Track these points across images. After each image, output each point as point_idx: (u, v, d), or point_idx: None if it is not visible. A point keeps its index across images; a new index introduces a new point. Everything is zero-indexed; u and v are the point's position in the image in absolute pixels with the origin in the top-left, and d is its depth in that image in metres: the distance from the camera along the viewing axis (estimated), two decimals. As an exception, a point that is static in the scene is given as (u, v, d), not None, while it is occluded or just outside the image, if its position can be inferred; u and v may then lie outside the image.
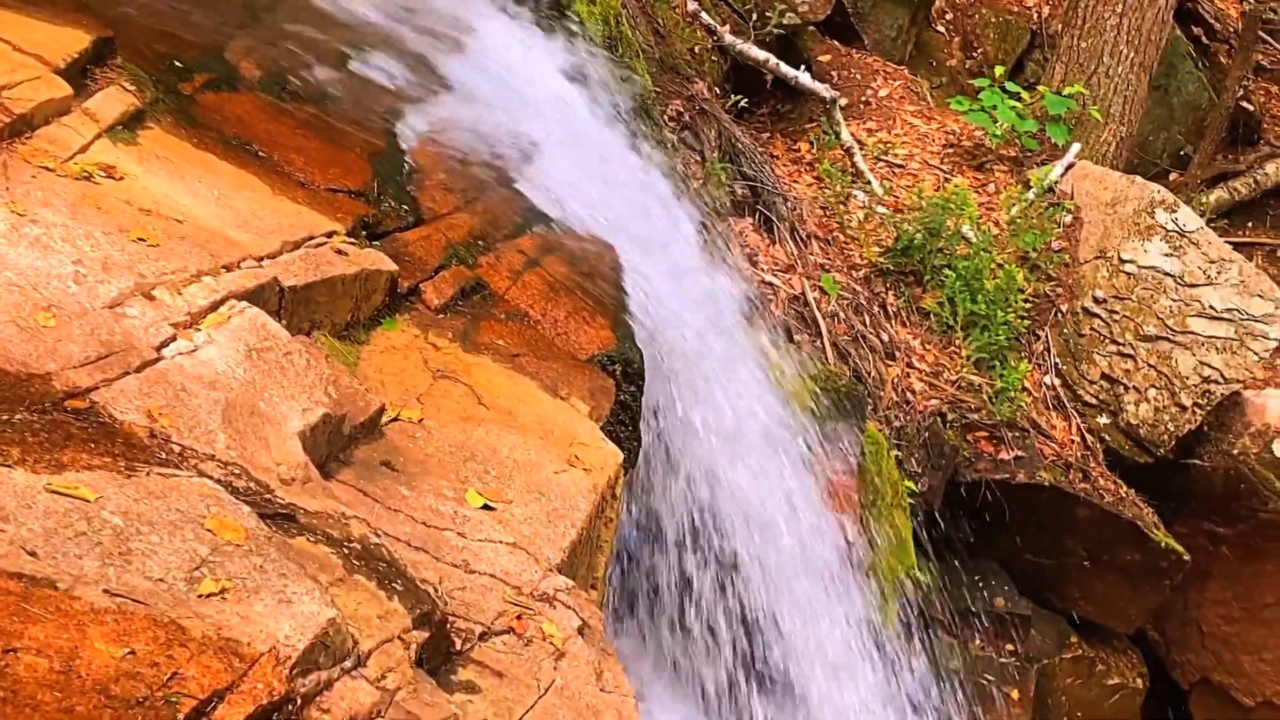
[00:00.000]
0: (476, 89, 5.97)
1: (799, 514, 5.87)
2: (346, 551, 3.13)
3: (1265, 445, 8.32)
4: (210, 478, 3.05)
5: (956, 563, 7.63)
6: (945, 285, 8.42)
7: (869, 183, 9.27)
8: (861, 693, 6.05)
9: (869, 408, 7.48)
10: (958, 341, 8.35)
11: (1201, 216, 9.22)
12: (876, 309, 8.44)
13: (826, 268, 8.43)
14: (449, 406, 4.22)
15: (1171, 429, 8.22)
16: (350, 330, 4.29)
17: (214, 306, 3.66)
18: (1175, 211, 8.52)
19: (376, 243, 4.62)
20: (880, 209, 9.02)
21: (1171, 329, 8.23)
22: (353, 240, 4.45)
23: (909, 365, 8.22)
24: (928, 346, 8.37)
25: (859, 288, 8.48)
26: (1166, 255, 8.37)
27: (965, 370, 8.23)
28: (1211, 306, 8.27)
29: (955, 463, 7.78)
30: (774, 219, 8.48)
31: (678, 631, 5.40)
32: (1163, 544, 8.03)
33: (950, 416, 8.01)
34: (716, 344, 5.89)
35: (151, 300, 3.54)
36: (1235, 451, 8.35)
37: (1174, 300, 8.27)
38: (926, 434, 7.78)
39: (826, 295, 8.16)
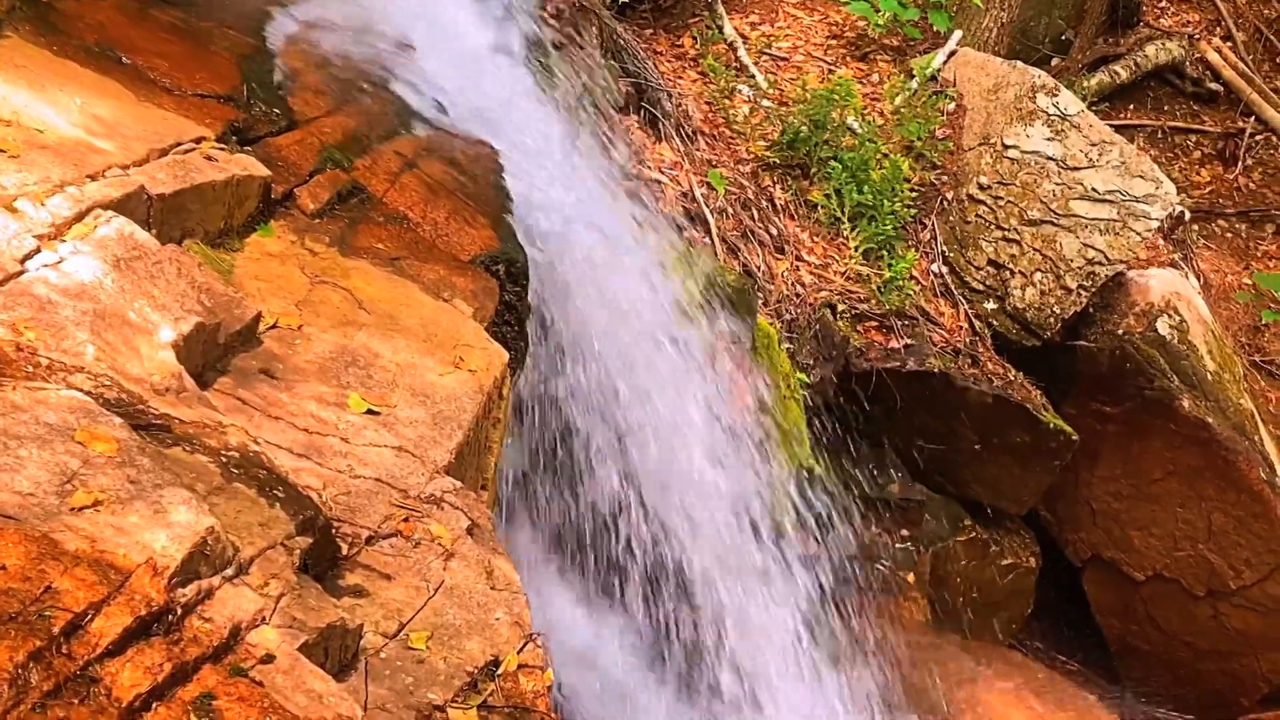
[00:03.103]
0: (347, -13, 5.85)
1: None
2: (224, 460, 3.08)
3: (1149, 324, 8.43)
4: (80, 390, 2.99)
5: (850, 452, 7.68)
6: (832, 177, 8.42)
7: (753, 77, 9.22)
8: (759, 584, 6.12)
9: (759, 302, 7.50)
10: (846, 233, 8.36)
11: (1083, 100, 9.27)
12: (764, 203, 8.42)
13: (713, 163, 8.40)
14: (328, 312, 4.16)
15: (1057, 311, 8.30)
16: (224, 238, 4.22)
17: (79, 217, 3.57)
18: (1056, 96, 8.55)
19: (248, 148, 4.54)
20: (765, 103, 8.98)
21: (1055, 212, 8.29)
22: (223, 146, 4.36)
23: (798, 258, 8.23)
24: (816, 239, 8.38)
25: (746, 183, 8.46)
26: (1048, 140, 8.42)
27: (854, 261, 8.25)
28: (1094, 189, 8.33)
29: (846, 353, 7.81)
30: (659, 116, 8.42)
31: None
32: (1051, 425, 8.13)
33: (840, 308, 8.03)
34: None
35: (13, 212, 3.45)
36: (1120, 331, 8.45)
37: (1057, 184, 8.33)
38: (817, 326, 7.81)
39: (714, 191, 8.13)
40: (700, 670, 5.87)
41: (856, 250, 8.29)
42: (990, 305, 8.34)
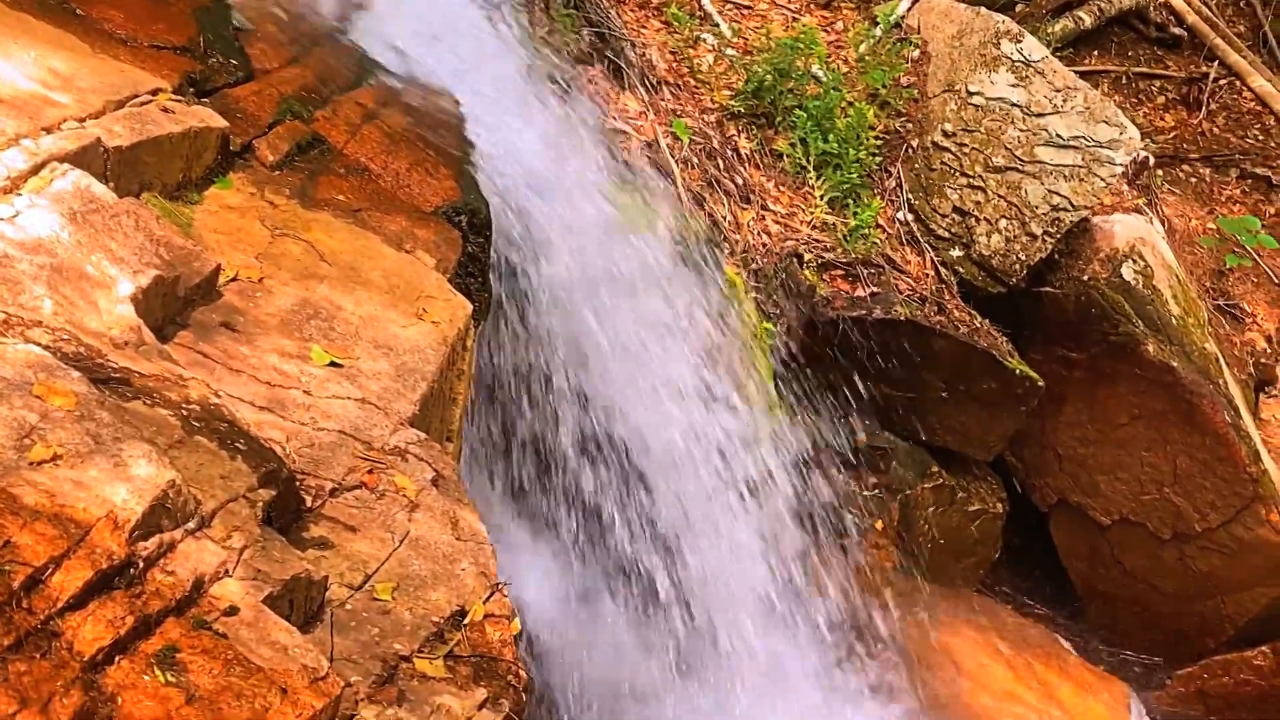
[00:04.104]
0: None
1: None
2: (185, 413, 3.06)
3: (1114, 270, 8.45)
4: (38, 344, 2.96)
5: (818, 400, 7.69)
6: (797, 126, 8.40)
7: (717, 25, 9.18)
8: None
9: (725, 252, 7.48)
10: (811, 182, 8.35)
11: (1048, 46, 9.24)
12: (730, 153, 8.39)
13: (678, 113, 8.36)
14: (289, 264, 4.13)
15: (1023, 258, 8.31)
16: (182, 191, 4.18)
17: (35, 170, 3.53)
18: (1020, 42, 8.53)
19: (205, 100, 4.50)
20: (729, 51, 8.95)
21: (1020, 159, 8.29)
22: (180, 98, 4.32)
23: (764, 208, 8.21)
24: (782, 188, 8.36)
25: (711, 132, 8.42)
26: (1013, 86, 8.40)
27: (819, 210, 8.24)
28: (1058, 135, 8.33)
29: (813, 302, 7.80)
30: (623, 66, 8.36)
31: None
32: (1017, 371, 8.15)
33: (806, 257, 8.02)
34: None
35: (-34, 166, 3.41)
36: (1085, 277, 8.46)
37: (1021, 130, 8.32)
38: (784, 275, 7.80)
39: (679, 141, 8.10)
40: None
41: (822, 199, 8.27)
42: (956, 253, 8.34)
